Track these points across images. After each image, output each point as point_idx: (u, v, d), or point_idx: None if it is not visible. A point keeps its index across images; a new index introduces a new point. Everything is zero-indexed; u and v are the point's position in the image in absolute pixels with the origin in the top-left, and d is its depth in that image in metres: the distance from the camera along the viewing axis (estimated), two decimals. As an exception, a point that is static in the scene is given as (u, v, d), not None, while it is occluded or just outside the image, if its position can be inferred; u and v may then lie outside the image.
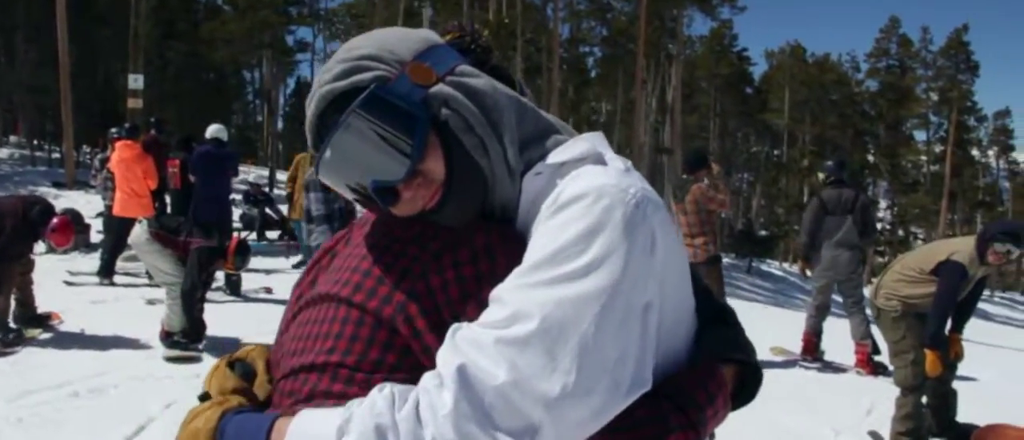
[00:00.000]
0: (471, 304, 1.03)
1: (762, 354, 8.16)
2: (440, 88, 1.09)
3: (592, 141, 1.14)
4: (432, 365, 0.99)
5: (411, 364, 1.03)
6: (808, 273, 8.30)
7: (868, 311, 6.78)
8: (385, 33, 1.17)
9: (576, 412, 0.94)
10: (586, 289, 0.95)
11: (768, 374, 4.81)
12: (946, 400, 5.73)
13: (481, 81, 1.13)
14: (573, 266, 0.96)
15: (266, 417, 1.05)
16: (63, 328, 7.54)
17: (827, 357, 8.18)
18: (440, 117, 1.08)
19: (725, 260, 8.05)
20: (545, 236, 1.00)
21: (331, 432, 0.95)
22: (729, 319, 1.25)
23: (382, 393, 0.97)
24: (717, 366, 1.13)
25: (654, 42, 37.61)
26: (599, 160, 1.09)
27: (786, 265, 38.38)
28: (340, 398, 1.03)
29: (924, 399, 5.55)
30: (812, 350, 8.18)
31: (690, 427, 1.04)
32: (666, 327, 1.05)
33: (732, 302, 7.72)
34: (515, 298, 0.97)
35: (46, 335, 7.29)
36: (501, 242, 1.09)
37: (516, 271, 1.00)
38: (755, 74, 57.86)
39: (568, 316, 0.94)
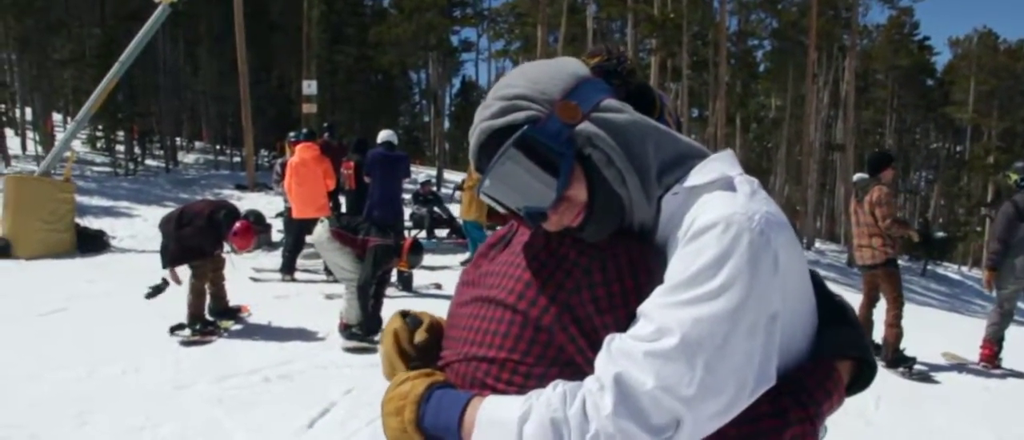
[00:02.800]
0: (618, 313, 1.23)
1: (933, 359, 7.89)
2: (585, 126, 1.26)
3: (723, 163, 1.31)
4: (583, 360, 1.23)
5: (566, 360, 1.25)
6: (993, 286, 7.76)
7: None
8: (538, 70, 1.31)
9: (710, 408, 1.13)
10: (718, 309, 1.12)
11: (934, 378, 4.54)
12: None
13: (623, 117, 1.28)
14: (707, 288, 1.13)
15: (463, 395, 1.29)
16: (252, 320, 8.04)
17: (1006, 365, 7.72)
18: (584, 152, 1.25)
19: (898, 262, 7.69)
20: (683, 260, 1.16)
21: (514, 419, 1.18)
22: (849, 317, 1.38)
23: (556, 391, 1.18)
24: (834, 364, 1.28)
25: (827, 33, 36.14)
26: (729, 185, 1.25)
27: (965, 269, 36.23)
28: (507, 385, 1.28)
29: None
30: (992, 358, 7.73)
31: (808, 419, 1.21)
32: (788, 326, 1.21)
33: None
34: (659, 315, 1.15)
35: (237, 326, 7.79)
36: (642, 260, 1.27)
37: (659, 290, 1.18)
38: (937, 64, 54.66)
39: (703, 332, 1.12)
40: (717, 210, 1.17)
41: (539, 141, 1.23)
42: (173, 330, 7.21)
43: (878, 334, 7.70)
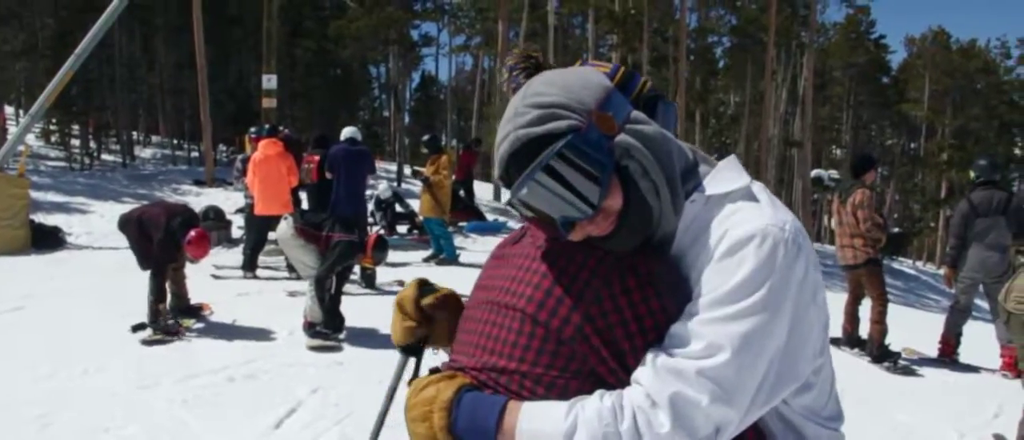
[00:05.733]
0: (641, 323, 1.25)
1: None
2: (623, 138, 1.26)
3: (734, 170, 1.36)
4: (606, 371, 1.25)
5: (587, 371, 1.26)
6: (953, 283, 7.97)
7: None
8: (566, 79, 1.29)
9: (754, 411, 1.21)
10: (763, 321, 1.18)
11: (893, 376, 4.65)
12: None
13: (652, 129, 1.30)
14: (750, 302, 1.18)
15: (497, 399, 1.27)
16: (214, 319, 7.95)
17: (962, 360, 7.94)
18: (622, 163, 1.25)
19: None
20: (722, 274, 1.20)
21: (559, 433, 1.20)
22: None
23: (604, 403, 1.20)
24: None
25: (785, 30, 36.52)
26: (749, 194, 1.30)
27: (920, 264, 36.90)
28: (531, 394, 1.27)
29: None
30: (950, 352, 7.97)
31: None
32: (817, 323, 1.27)
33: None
34: (708, 332, 1.18)
35: (199, 325, 7.69)
36: (661, 270, 1.29)
37: (703, 303, 1.21)
38: (893, 63, 55.53)
39: (752, 345, 1.17)
40: (751, 223, 1.22)
41: (583, 151, 1.22)
42: (135, 329, 7.11)
43: (863, 331, 7.95)
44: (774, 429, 1.35)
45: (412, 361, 1.63)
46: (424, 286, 1.61)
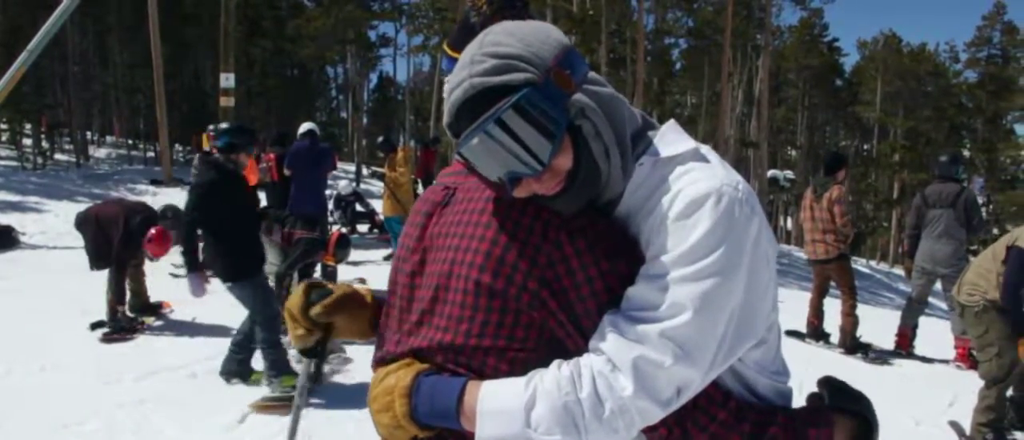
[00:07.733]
0: (593, 285, 1.24)
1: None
2: (578, 97, 1.23)
3: (679, 133, 1.35)
4: (564, 334, 1.25)
5: (547, 339, 1.26)
6: (913, 273, 8.16)
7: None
8: (526, 32, 1.25)
9: (715, 370, 1.22)
10: (721, 281, 1.18)
11: (851, 366, 4.84)
12: (1031, 392, 5.62)
13: (607, 91, 1.29)
14: (709, 261, 1.17)
15: (455, 381, 1.27)
16: (174, 316, 7.88)
17: (917, 352, 8.15)
18: (575, 122, 1.22)
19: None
20: (678, 233, 1.19)
21: (519, 407, 1.20)
22: (852, 389, 1.58)
23: (562, 372, 1.20)
24: (829, 410, 1.44)
25: (741, 33, 36.83)
26: (699, 155, 1.30)
27: (873, 263, 37.47)
28: (494, 372, 1.27)
29: (1009, 392, 5.44)
30: (906, 344, 8.17)
31: (791, 427, 1.33)
32: (771, 282, 1.29)
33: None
34: (668, 292, 1.18)
35: (159, 322, 7.60)
36: (610, 231, 1.28)
37: (663, 263, 1.20)
38: (846, 65, 56.21)
39: (710, 305, 1.17)
40: (704, 182, 1.22)
41: (538, 106, 1.18)
42: (94, 326, 7.01)
43: (828, 325, 8.18)
44: (728, 384, 1.34)
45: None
46: (312, 291, 1.55)
